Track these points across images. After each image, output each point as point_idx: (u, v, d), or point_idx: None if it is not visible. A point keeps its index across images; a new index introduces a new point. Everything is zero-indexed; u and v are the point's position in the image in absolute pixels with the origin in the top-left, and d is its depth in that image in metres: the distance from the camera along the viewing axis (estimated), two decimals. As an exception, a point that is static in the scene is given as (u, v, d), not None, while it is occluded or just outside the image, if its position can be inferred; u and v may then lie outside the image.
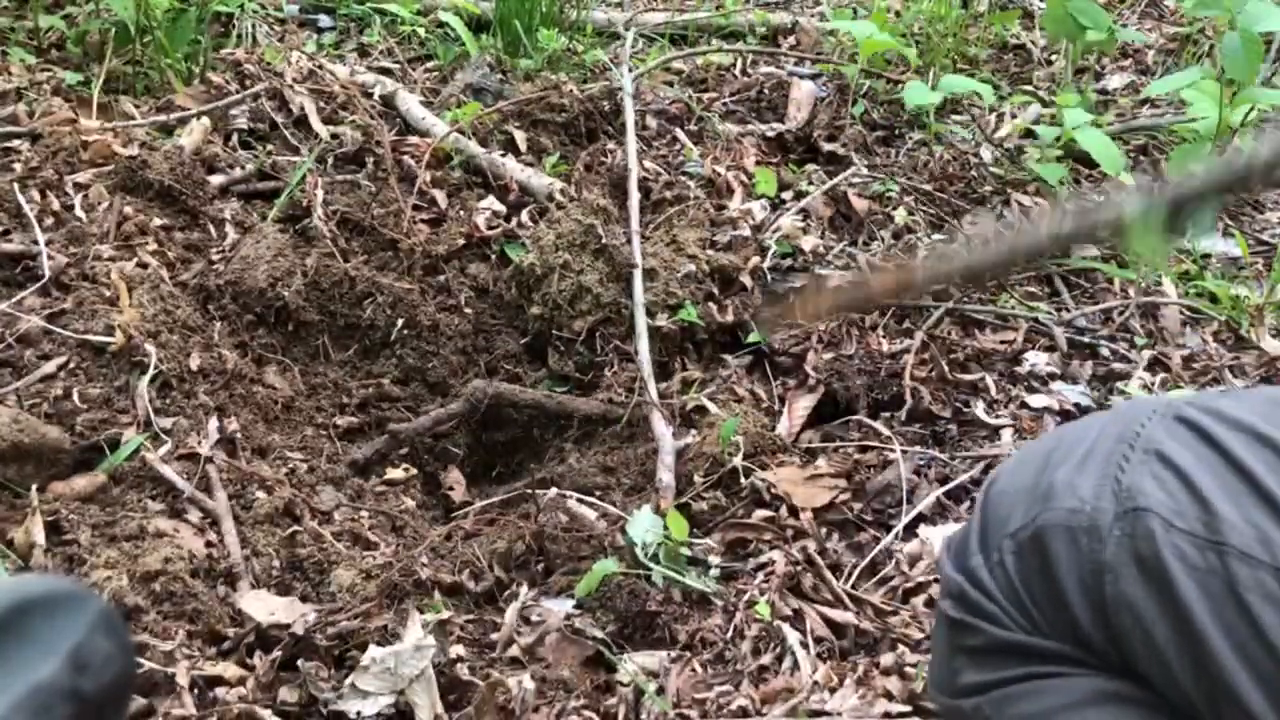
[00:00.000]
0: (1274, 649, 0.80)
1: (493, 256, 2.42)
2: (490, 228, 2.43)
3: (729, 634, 1.59)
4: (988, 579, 0.93)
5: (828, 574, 1.71)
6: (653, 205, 2.51)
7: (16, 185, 2.17)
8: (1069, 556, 0.88)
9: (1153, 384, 2.12)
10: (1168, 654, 0.84)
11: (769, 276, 2.34)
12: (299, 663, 1.47)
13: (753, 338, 2.21)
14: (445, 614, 1.61)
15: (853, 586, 1.71)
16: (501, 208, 2.49)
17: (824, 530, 1.82)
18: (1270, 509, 0.83)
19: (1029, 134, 2.86)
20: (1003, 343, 2.24)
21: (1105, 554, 0.86)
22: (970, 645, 0.94)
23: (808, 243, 2.40)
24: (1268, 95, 2.55)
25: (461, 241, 2.39)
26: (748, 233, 2.39)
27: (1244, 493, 0.84)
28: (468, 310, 2.31)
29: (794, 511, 1.82)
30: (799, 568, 1.70)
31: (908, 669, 1.53)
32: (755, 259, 2.33)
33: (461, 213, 2.48)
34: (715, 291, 2.26)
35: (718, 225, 2.41)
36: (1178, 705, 0.85)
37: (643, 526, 1.68)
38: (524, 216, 2.47)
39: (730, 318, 2.24)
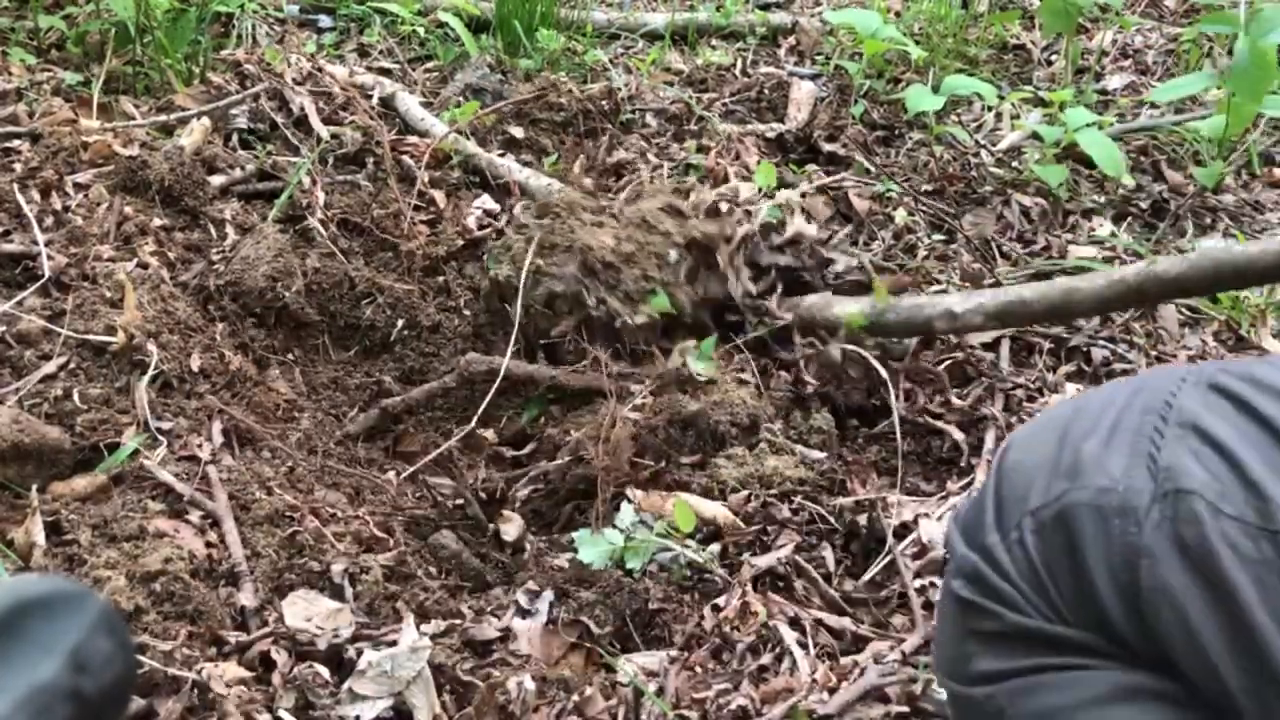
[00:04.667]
0: None
1: (488, 257, 2.41)
2: (481, 227, 2.42)
3: (728, 634, 1.59)
4: (1005, 559, 0.86)
5: (828, 570, 1.71)
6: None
7: (16, 185, 2.17)
8: (1098, 539, 0.81)
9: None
10: (1212, 647, 0.78)
11: (760, 246, 2.15)
12: (296, 668, 1.47)
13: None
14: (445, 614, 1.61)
15: (852, 587, 1.71)
16: (494, 206, 2.48)
17: (819, 535, 1.81)
18: None
19: (1031, 135, 2.85)
20: (1000, 342, 2.24)
21: (1142, 538, 0.80)
22: (984, 630, 0.87)
23: (807, 231, 2.30)
24: (1275, 103, 2.52)
25: (461, 242, 2.39)
26: (729, 203, 2.19)
27: None
28: (467, 311, 2.31)
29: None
30: (797, 568, 1.70)
31: (907, 669, 1.53)
32: (744, 228, 2.13)
33: (461, 213, 2.47)
34: (695, 268, 2.07)
35: (694, 197, 2.18)
36: (1213, 699, 0.80)
37: (593, 550, 1.66)
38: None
39: (713, 295, 2.07)
